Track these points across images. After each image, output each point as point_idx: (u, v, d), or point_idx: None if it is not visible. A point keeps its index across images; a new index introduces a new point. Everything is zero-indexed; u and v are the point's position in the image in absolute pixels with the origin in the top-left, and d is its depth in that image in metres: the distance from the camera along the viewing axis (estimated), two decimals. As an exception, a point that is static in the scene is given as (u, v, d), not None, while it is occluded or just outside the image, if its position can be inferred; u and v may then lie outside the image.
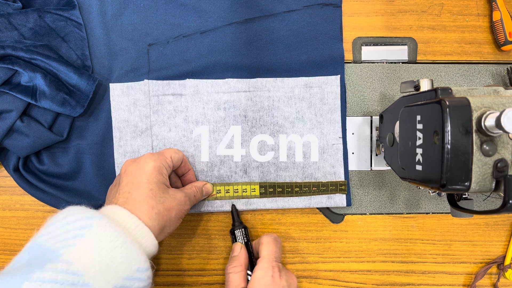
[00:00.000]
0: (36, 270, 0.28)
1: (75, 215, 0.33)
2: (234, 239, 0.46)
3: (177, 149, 0.45)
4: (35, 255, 0.31)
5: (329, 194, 0.48)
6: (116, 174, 0.48)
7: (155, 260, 0.49)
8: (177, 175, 0.47)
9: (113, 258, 0.31)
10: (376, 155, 0.50)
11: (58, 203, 0.47)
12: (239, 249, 0.44)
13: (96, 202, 0.47)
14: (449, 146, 0.30)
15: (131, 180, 0.39)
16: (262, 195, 0.48)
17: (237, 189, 0.48)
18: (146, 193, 0.38)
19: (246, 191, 0.48)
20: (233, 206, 0.47)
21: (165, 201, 0.38)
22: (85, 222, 0.32)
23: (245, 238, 0.45)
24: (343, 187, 0.48)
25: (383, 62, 0.51)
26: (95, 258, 0.31)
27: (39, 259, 0.30)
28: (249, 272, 0.43)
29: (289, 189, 0.48)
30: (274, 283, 0.39)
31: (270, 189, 0.48)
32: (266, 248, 0.43)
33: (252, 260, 0.44)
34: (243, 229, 0.46)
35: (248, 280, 0.42)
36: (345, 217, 0.50)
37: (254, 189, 0.48)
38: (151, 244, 0.36)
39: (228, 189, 0.48)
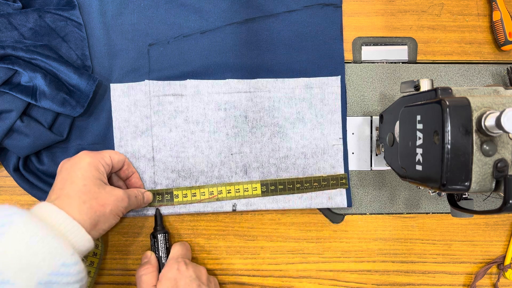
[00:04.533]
0: None
1: None
2: (155, 243, 0.46)
3: (117, 151, 0.45)
4: None
5: (331, 190, 0.48)
6: (116, 174, 0.48)
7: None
8: (121, 179, 0.46)
9: (34, 254, 0.31)
10: (376, 155, 0.50)
11: (58, 203, 0.47)
12: (149, 255, 0.45)
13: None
14: (449, 146, 0.30)
15: (66, 176, 0.39)
16: (264, 193, 0.48)
17: (239, 189, 0.48)
18: (79, 188, 0.37)
19: (248, 190, 0.48)
20: (158, 210, 0.47)
21: (99, 196, 0.38)
22: (5, 220, 0.32)
23: (167, 244, 0.46)
24: (343, 181, 0.48)
25: (383, 62, 0.51)
26: (14, 255, 0.30)
27: None
28: None
29: (291, 186, 0.48)
30: (180, 274, 0.41)
31: (271, 187, 0.48)
32: (173, 251, 0.45)
33: None
34: (165, 234, 0.46)
35: None
36: (345, 217, 0.50)
37: (256, 187, 0.48)
38: (81, 238, 0.35)
39: (230, 189, 0.48)
